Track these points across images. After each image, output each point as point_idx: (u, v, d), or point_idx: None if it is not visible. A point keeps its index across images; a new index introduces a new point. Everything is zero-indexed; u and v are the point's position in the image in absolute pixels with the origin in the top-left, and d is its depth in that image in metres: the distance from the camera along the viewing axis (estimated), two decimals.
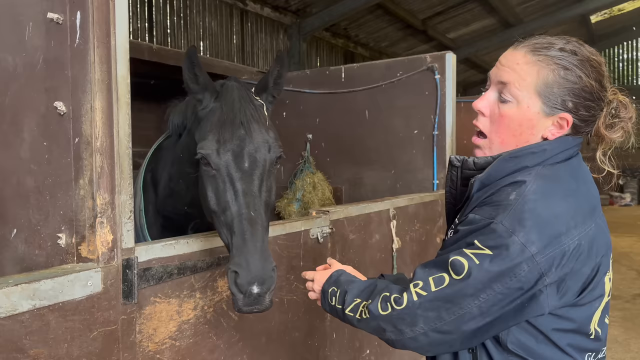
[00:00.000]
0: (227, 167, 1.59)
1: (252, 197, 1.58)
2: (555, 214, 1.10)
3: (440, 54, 4.19)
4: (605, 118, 1.24)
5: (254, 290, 1.46)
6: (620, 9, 17.38)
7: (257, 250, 1.50)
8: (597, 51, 1.27)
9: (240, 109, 1.65)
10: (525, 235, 1.07)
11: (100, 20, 1.49)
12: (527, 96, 1.21)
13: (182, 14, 7.72)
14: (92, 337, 1.44)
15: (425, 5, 11.84)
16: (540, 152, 1.20)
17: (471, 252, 1.10)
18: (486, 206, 1.15)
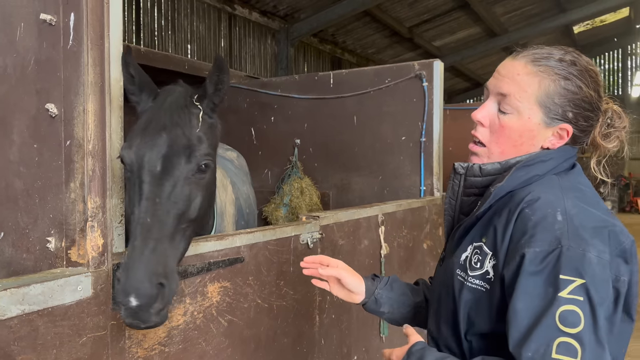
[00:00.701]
0: (138, 169, 1.50)
1: (152, 202, 1.46)
2: (600, 218, 1.08)
3: (428, 62, 4.24)
4: (601, 128, 1.25)
5: (132, 302, 1.34)
6: (602, 20, 17.74)
7: (142, 260, 1.39)
8: None
9: (167, 113, 1.56)
10: (594, 247, 1.02)
11: (94, 22, 1.48)
12: (528, 107, 1.20)
13: (169, 16, 7.69)
14: (81, 343, 1.42)
15: (412, 13, 11.96)
16: (548, 160, 1.19)
17: (568, 292, 0.97)
18: (538, 234, 1.04)
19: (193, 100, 1.66)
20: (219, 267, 1.92)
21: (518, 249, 1.05)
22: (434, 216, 4.10)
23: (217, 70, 1.68)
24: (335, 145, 4.59)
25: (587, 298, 0.96)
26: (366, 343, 3.00)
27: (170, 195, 1.49)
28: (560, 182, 1.16)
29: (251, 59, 9.45)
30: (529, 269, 1.02)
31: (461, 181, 1.30)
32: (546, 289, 0.99)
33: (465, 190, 1.30)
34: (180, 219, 1.50)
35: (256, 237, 2.07)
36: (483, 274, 1.14)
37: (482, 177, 1.25)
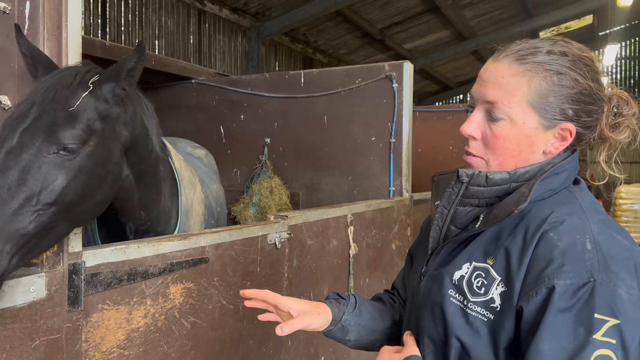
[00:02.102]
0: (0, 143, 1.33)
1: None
2: (625, 247, 0.97)
3: (398, 63, 4.25)
4: (608, 118, 1.11)
5: None
6: (567, 26, 18.23)
7: None
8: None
9: (43, 89, 1.40)
10: (624, 282, 0.91)
11: (52, 11, 1.42)
12: (520, 112, 1.06)
13: (137, 11, 7.52)
14: (33, 347, 1.35)
15: (383, 14, 12.03)
16: (562, 172, 1.08)
17: (602, 334, 0.87)
18: (568, 265, 0.92)
19: (87, 81, 1.50)
20: (182, 267, 1.87)
21: (543, 279, 0.92)
22: (402, 216, 4.11)
23: (137, 57, 1.54)
24: (305, 144, 4.56)
25: (620, 341, 0.86)
26: (334, 343, 2.98)
27: (17, 169, 1.31)
28: (580, 202, 1.04)
29: (221, 56, 9.33)
30: (558, 304, 0.90)
31: (461, 189, 1.14)
32: (577, 328, 0.88)
33: (464, 199, 1.14)
34: (29, 198, 1.31)
35: (222, 236, 2.03)
36: (487, 301, 1.00)
37: (487, 187, 1.10)
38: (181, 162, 2.51)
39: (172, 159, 2.33)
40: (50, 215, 1.34)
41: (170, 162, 2.30)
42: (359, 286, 3.36)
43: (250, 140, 4.76)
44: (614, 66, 21.57)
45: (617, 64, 21.54)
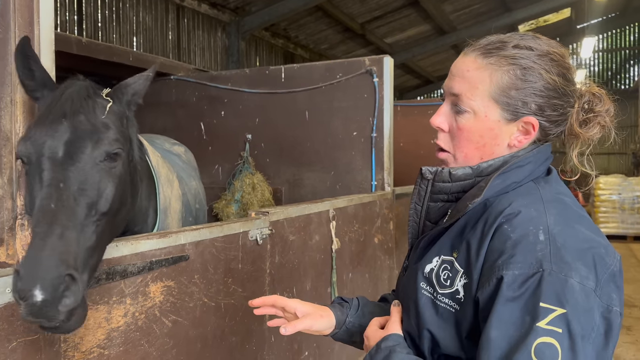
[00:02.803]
0: (37, 158, 1.32)
1: (57, 188, 1.28)
2: (585, 238, 0.97)
3: (378, 58, 4.26)
4: (578, 114, 1.11)
5: (36, 297, 1.13)
6: (546, 20, 18.44)
7: (47, 246, 1.17)
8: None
9: (67, 101, 1.41)
10: (577, 273, 0.91)
11: (23, 7, 1.39)
12: (482, 104, 1.08)
13: (114, 7, 7.41)
14: (10, 348, 1.33)
15: (363, 9, 12.04)
16: (526, 165, 1.08)
17: (547, 322, 0.88)
18: (518, 256, 0.94)
19: (101, 93, 1.54)
20: (162, 265, 1.86)
21: (495, 270, 0.95)
22: (384, 210, 4.14)
23: (147, 78, 1.65)
24: (287, 140, 4.56)
25: (567, 330, 0.87)
26: (317, 338, 2.99)
27: (76, 181, 1.32)
28: (541, 193, 1.05)
29: (201, 52, 9.25)
30: (506, 294, 0.92)
31: (428, 186, 1.17)
32: (523, 317, 0.90)
33: (433, 195, 1.17)
34: (90, 208, 1.32)
35: (202, 234, 2.02)
36: (453, 293, 1.03)
37: (451, 182, 1.13)
38: (158, 159, 2.49)
39: (149, 157, 2.31)
40: (103, 225, 1.36)
41: (148, 160, 2.28)
42: (342, 281, 3.37)
43: (231, 136, 4.74)
44: (592, 59, 21.90)
45: (595, 56, 21.87)
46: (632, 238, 10.13)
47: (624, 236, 10.21)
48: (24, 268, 1.15)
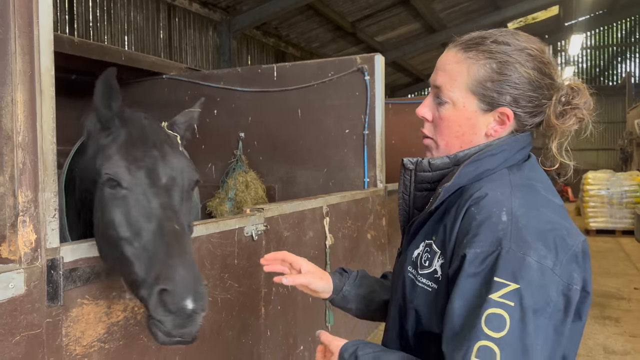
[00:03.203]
0: (142, 183, 1.45)
1: (173, 211, 1.44)
2: (548, 220, 1.03)
3: (370, 56, 4.31)
4: (555, 106, 1.15)
5: (188, 306, 1.26)
6: (534, 17, 18.57)
7: (188, 263, 1.33)
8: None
9: (151, 132, 1.56)
10: (536, 252, 0.97)
11: (22, 8, 1.41)
12: (460, 96, 1.15)
13: (105, 6, 7.39)
14: (14, 342, 1.36)
15: (354, 7, 12.07)
16: (499, 153, 1.14)
17: (499, 295, 0.94)
18: (480, 235, 1.01)
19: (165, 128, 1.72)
20: None
21: (461, 248, 1.02)
22: (377, 207, 4.19)
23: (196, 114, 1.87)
24: (280, 138, 4.59)
25: (518, 304, 0.93)
26: (312, 333, 3.03)
27: (182, 207, 1.51)
28: (511, 178, 1.11)
29: (192, 51, 9.24)
30: (468, 270, 0.99)
31: (412, 176, 1.24)
32: (480, 290, 0.97)
33: (417, 185, 1.24)
34: (190, 232, 1.53)
35: (198, 230, 2.05)
36: (431, 272, 1.11)
37: (431, 172, 1.20)
38: None
39: None
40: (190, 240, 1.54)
41: None
42: None
43: (224, 135, 4.76)
44: (580, 55, 22.09)
45: (583, 53, 22.07)
46: (620, 232, 10.25)
47: (612, 230, 10.34)
48: (172, 284, 1.27)
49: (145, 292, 1.32)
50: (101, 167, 1.49)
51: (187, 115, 1.84)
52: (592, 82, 21.89)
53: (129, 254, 1.40)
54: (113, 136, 1.56)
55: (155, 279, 1.31)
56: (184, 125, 1.82)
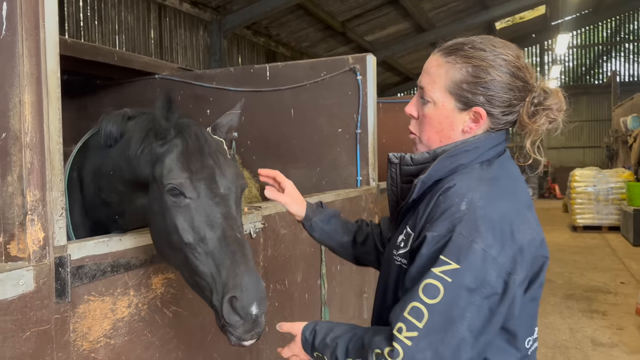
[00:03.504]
0: (204, 193, 1.57)
1: (233, 219, 1.57)
2: (503, 213, 1.16)
3: (362, 56, 4.36)
4: (527, 107, 1.26)
5: (254, 311, 1.42)
6: (522, 17, 18.80)
7: (252, 270, 1.47)
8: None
9: (205, 142, 1.66)
10: (484, 241, 1.10)
11: (29, 11, 1.45)
12: (440, 96, 1.28)
13: (96, 7, 7.38)
14: (24, 338, 1.40)
15: (344, 7, 12.14)
16: (473, 149, 1.25)
17: (440, 270, 1.10)
18: (439, 221, 1.16)
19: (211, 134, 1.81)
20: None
21: (424, 231, 1.19)
22: (370, 205, 4.24)
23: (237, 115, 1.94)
24: (273, 138, 4.63)
25: (455, 281, 1.08)
26: None
27: (238, 212, 1.63)
28: (480, 173, 1.23)
29: (183, 51, 9.24)
30: (423, 248, 1.15)
31: (397, 170, 1.38)
32: (427, 264, 1.14)
33: (402, 177, 1.38)
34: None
35: None
36: (407, 252, 1.26)
37: (414, 165, 1.34)
38: None
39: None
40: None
41: None
42: (331, 273, 3.47)
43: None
44: (566, 54, 22.35)
45: (569, 52, 22.33)
46: (606, 228, 10.43)
47: (599, 227, 10.52)
48: (241, 292, 1.41)
49: (216, 299, 1.47)
50: (162, 176, 1.60)
51: (227, 117, 1.90)
52: (578, 80, 22.18)
53: (193, 258, 1.52)
54: (169, 145, 1.64)
55: (224, 287, 1.45)
56: (226, 127, 1.88)
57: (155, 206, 1.65)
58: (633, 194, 9.18)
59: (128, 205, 1.90)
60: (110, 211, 2.00)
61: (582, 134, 21.30)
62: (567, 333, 4.58)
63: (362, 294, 4.02)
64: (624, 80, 20.92)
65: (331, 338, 1.29)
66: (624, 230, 9.67)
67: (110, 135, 1.92)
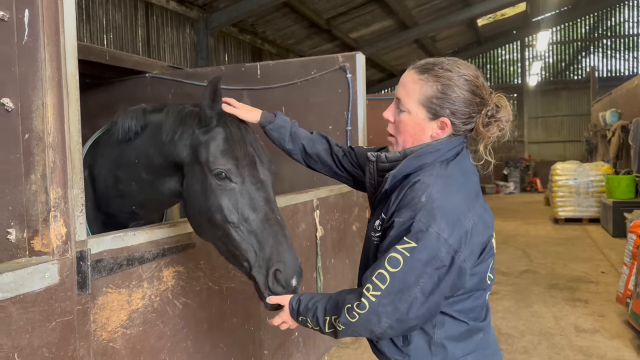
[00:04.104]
0: (248, 179, 1.75)
1: (273, 203, 1.77)
2: (455, 204, 1.43)
3: (351, 54, 4.46)
4: (482, 118, 1.53)
5: (294, 283, 1.66)
6: (503, 13, 19.03)
7: (291, 248, 1.69)
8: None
9: (246, 131, 1.86)
10: (438, 226, 1.38)
11: (50, 18, 1.52)
12: (414, 107, 1.53)
13: (83, 5, 7.35)
14: (50, 328, 1.48)
15: (329, 5, 12.20)
16: (435, 151, 1.51)
17: (402, 247, 1.39)
18: (404, 209, 1.43)
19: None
20: (173, 252, 2.02)
21: (394, 216, 1.47)
22: (361, 199, 4.35)
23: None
24: (264, 135, 4.70)
25: (412, 256, 1.37)
26: None
27: (274, 195, 1.83)
28: (438, 170, 1.49)
29: (170, 49, 9.24)
30: (392, 230, 1.44)
31: (374, 166, 1.63)
32: (393, 241, 1.42)
33: (378, 172, 1.63)
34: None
35: None
36: (381, 234, 1.54)
37: (388, 163, 1.58)
38: None
39: None
40: None
41: None
42: (326, 266, 3.57)
43: None
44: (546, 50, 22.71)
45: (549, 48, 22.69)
46: (587, 220, 10.69)
47: (580, 219, 10.77)
48: (284, 266, 1.65)
49: (258, 271, 1.67)
50: (208, 161, 1.76)
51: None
52: (558, 76, 22.51)
53: (235, 235, 1.70)
54: (212, 133, 1.80)
55: (268, 261, 1.67)
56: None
57: (196, 186, 1.79)
58: (612, 187, 9.43)
59: (150, 192, 2.00)
60: (127, 202, 2.09)
61: (563, 129, 21.69)
62: (552, 321, 4.75)
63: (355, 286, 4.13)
64: (602, 76, 21.30)
65: (312, 302, 1.55)
66: (603, 222, 9.93)
67: (129, 129, 2.02)
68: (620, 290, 4.58)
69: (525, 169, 20.07)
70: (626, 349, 4.05)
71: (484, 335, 1.57)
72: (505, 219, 11.77)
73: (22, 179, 1.53)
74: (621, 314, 4.76)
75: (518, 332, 4.48)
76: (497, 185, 18.99)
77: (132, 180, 2.03)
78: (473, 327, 1.53)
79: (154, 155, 1.94)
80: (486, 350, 1.57)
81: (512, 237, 9.32)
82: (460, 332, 1.52)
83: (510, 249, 8.22)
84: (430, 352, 1.50)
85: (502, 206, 14.21)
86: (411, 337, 1.51)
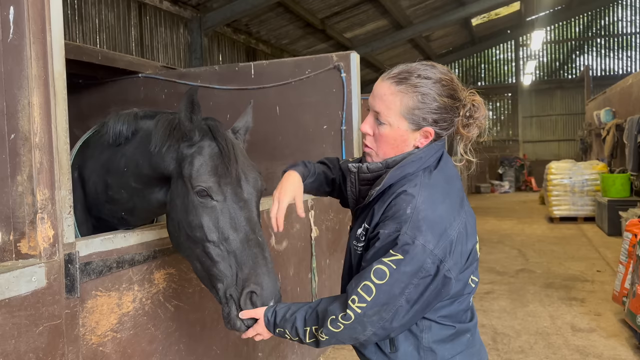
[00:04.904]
0: (230, 197, 1.67)
1: (254, 222, 1.69)
2: (440, 215, 1.42)
3: (346, 54, 4.43)
4: (462, 120, 1.53)
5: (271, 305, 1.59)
6: (497, 13, 19.07)
7: (271, 271, 1.62)
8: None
9: (232, 146, 1.74)
10: (424, 238, 1.37)
11: (36, 16, 1.49)
12: (395, 120, 1.49)
13: (76, 5, 7.29)
14: (38, 332, 1.44)
15: (323, 4, 12.18)
16: (417, 160, 1.49)
17: (388, 260, 1.38)
18: (389, 221, 1.42)
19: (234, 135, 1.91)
20: (164, 254, 1.99)
21: (378, 227, 1.45)
22: None
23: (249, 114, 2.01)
24: (259, 135, 4.66)
25: (398, 268, 1.36)
26: None
27: (258, 216, 1.74)
28: (422, 180, 1.48)
29: (164, 49, 9.18)
30: (377, 242, 1.42)
31: (356, 176, 1.62)
32: (379, 253, 1.40)
33: (360, 182, 1.62)
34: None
35: None
36: (365, 244, 1.53)
37: (369, 173, 1.57)
38: None
39: None
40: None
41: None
42: (321, 267, 3.55)
43: None
44: (540, 50, 22.77)
45: (543, 47, 22.75)
46: (582, 219, 10.72)
47: (575, 218, 10.80)
48: (260, 289, 1.56)
49: (234, 291, 1.59)
50: (191, 177, 1.68)
51: (243, 121, 1.99)
52: (552, 75, 22.59)
53: (214, 254, 1.62)
54: (197, 147, 1.72)
55: (244, 282, 1.59)
56: (243, 130, 1.97)
57: (178, 201, 1.72)
58: (607, 185, 9.45)
59: (139, 201, 1.94)
60: (117, 208, 2.04)
61: (557, 128, 21.75)
62: (548, 320, 4.74)
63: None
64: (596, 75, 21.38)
65: (290, 313, 1.51)
66: (598, 221, 9.94)
67: (120, 134, 1.97)
68: (617, 289, 4.57)
69: (520, 168, 20.12)
70: (623, 348, 4.04)
71: (471, 335, 1.57)
72: (500, 218, 11.78)
73: (8, 180, 1.50)
74: (617, 312, 4.76)
75: (514, 332, 4.46)
76: (492, 184, 19.03)
77: (121, 187, 1.97)
78: (460, 329, 1.53)
79: (143, 166, 1.88)
80: (472, 348, 1.58)
81: (507, 237, 9.32)
82: (447, 335, 1.52)
83: (505, 249, 8.21)
84: (419, 357, 1.50)
85: (497, 205, 14.22)
86: (399, 343, 1.50)
